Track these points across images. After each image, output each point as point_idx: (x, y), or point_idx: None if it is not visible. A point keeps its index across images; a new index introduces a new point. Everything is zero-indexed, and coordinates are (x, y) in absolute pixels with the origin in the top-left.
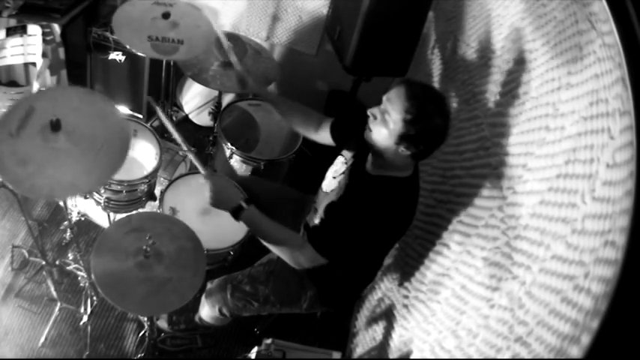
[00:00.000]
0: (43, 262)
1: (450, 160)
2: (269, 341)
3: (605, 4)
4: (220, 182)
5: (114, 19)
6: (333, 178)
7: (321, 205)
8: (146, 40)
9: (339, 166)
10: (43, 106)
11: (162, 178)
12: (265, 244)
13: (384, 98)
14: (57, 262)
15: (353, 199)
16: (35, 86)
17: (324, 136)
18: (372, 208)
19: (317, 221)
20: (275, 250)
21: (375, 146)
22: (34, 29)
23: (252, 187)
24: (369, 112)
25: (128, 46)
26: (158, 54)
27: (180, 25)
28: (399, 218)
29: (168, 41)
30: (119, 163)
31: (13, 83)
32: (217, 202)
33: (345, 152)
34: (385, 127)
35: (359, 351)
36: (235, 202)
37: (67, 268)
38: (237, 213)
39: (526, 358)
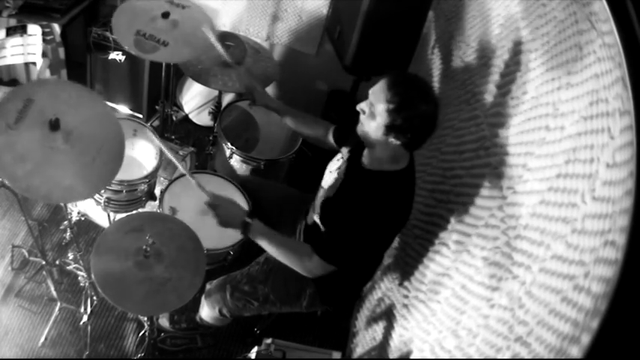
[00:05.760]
0: (43, 262)
1: (450, 160)
2: (269, 341)
3: (605, 4)
4: (224, 204)
5: (122, 5)
6: (329, 173)
7: (319, 201)
8: (133, 34)
9: (336, 162)
10: (42, 98)
11: (162, 178)
12: (276, 256)
13: (370, 92)
14: (57, 262)
15: (349, 195)
16: None
17: (331, 141)
18: (369, 203)
19: (316, 219)
20: (285, 262)
21: (367, 140)
22: (34, 29)
23: (254, 188)
24: (358, 108)
25: (114, 36)
26: (136, 49)
27: (177, 28)
28: (396, 211)
29: (153, 40)
30: (115, 169)
31: (14, 82)
32: (225, 223)
33: (343, 149)
34: (373, 120)
35: (359, 351)
36: (240, 217)
37: (67, 268)
38: (245, 229)
39: (526, 358)
